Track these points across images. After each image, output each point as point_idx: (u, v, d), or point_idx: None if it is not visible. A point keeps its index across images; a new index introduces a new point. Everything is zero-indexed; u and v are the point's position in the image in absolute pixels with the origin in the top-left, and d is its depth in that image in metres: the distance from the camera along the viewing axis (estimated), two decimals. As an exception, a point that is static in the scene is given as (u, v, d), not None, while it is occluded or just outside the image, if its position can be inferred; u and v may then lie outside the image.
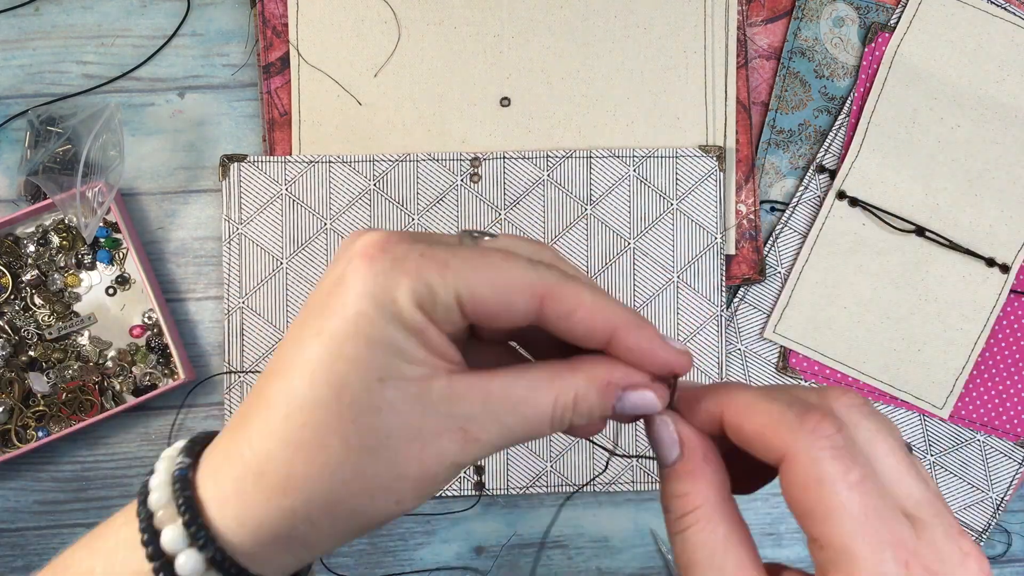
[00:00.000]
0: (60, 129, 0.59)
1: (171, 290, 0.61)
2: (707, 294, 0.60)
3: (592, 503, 0.62)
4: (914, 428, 0.61)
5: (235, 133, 0.61)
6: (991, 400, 0.61)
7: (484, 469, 0.60)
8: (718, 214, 0.60)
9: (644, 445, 0.59)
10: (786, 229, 0.62)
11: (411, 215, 0.60)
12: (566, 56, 0.61)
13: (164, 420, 0.60)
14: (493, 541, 0.61)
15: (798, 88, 0.62)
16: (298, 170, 0.59)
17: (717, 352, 0.60)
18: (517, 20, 0.61)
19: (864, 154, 0.61)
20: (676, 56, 0.61)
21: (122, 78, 0.61)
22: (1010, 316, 0.62)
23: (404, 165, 0.60)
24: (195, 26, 0.62)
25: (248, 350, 0.59)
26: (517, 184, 0.60)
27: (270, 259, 0.59)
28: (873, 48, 0.62)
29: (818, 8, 0.62)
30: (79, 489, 0.60)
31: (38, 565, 0.59)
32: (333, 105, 0.60)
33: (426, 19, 0.60)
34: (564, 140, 0.61)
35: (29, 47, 0.61)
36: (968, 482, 0.61)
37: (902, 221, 0.60)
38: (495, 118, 0.61)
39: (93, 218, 0.56)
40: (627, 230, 0.60)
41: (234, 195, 0.59)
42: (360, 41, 0.60)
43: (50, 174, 0.57)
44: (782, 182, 0.62)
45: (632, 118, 0.61)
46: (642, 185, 0.60)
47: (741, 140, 0.61)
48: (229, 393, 0.59)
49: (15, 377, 0.57)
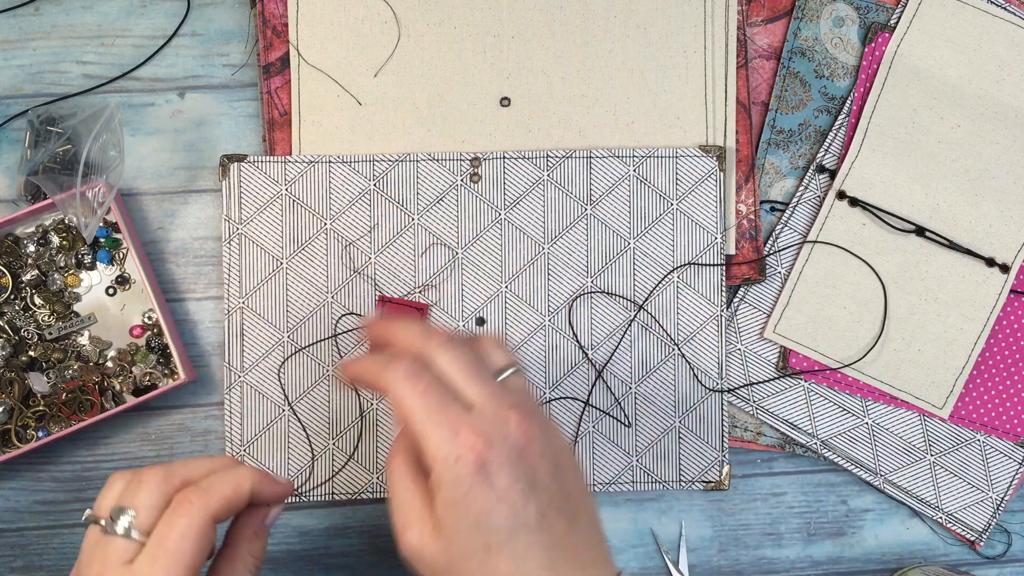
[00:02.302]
0: (60, 129, 0.59)
1: (171, 290, 0.61)
2: (707, 294, 0.60)
3: (592, 503, 0.62)
4: (914, 428, 0.61)
5: (235, 133, 0.61)
6: (991, 400, 0.61)
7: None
8: (718, 214, 0.60)
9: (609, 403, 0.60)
10: (786, 229, 0.62)
11: (411, 215, 0.60)
12: (566, 56, 0.61)
13: (164, 420, 0.60)
14: (493, 541, 0.61)
15: (798, 88, 0.62)
16: (298, 170, 0.59)
17: (717, 352, 0.60)
18: (517, 20, 0.61)
19: (864, 154, 0.61)
20: (676, 56, 0.61)
21: (122, 78, 0.61)
22: (1010, 316, 0.62)
23: (404, 165, 0.60)
24: (195, 26, 0.62)
25: (248, 350, 0.59)
26: (517, 184, 0.60)
27: (270, 259, 0.59)
28: (873, 48, 0.62)
29: (818, 8, 0.62)
30: (79, 489, 0.60)
31: (38, 565, 0.59)
32: (333, 105, 0.60)
33: (426, 19, 0.60)
34: (564, 140, 0.61)
35: (29, 47, 0.61)
36: (968, 482, 0.61)
37: (902, 221, 0.60)
38: (495, 118, 0.61)
39: (93, 218, 0.56)
40: (627, 230, 0.60)
41: (234, 195, 0.59)
42: (360, 41, 0.60)
43: (50, 174, 0.57)
44: (782, 182, 0.62)
45: (632, 118, 0.61)
46: (642, 185, 0.60)
47: (741, 140, 0.61)
48: (229, 393, 0.59)
49: (15, 377, 0.57)
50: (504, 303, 0.60)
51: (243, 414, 0.59)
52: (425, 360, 0.39)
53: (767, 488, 0.62)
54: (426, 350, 0.39)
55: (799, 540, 0.62)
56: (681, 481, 0.60)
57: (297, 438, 0.59)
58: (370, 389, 0.43)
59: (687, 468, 0.60)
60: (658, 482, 0.60)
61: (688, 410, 0.60)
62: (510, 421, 0.37)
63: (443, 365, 0.39)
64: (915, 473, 0.61)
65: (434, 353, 0.39)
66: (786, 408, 0.61)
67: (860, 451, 0.61)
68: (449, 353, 0.39)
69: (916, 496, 0.61)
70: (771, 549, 0.62)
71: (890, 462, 0.61)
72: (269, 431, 0.59)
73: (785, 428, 0.61)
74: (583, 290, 0.60)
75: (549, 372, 0.60)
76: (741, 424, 0.61)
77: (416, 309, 0.59)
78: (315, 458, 0.59)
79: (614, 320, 0.60)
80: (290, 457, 0.59)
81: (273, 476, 0.43)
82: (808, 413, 0.61)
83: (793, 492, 0.62)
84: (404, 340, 0.41)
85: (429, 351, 0.39)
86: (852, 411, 0.61)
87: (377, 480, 0.59)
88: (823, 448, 0.61)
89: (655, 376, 0.60)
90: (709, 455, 0.60)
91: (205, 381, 0.61)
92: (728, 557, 0.62)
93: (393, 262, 0.60)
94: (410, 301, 0.59)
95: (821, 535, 0.62)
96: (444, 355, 0.39)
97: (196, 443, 0.60)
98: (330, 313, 0.59)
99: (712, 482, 0.60)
